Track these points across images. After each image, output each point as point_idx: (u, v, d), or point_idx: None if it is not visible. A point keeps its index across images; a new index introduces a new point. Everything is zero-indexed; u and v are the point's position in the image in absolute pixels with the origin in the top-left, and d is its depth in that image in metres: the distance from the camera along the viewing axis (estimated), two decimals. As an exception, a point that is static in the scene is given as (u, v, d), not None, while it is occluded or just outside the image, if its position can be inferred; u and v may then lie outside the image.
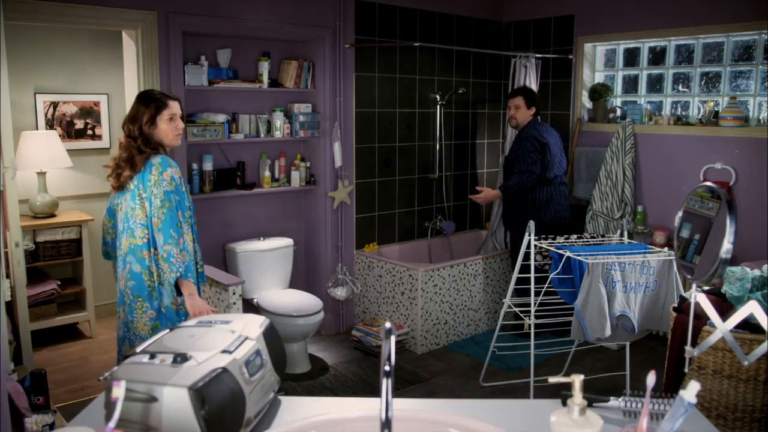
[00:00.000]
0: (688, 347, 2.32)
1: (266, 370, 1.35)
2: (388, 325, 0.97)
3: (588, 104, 5.03)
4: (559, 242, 3.42)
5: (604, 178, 4.68)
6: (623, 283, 3.01)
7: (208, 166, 4.04)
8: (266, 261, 4.17)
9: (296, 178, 4.44)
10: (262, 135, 4.24)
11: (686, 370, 2.36)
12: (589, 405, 1.33)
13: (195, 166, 4.02)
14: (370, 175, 4.76)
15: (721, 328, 2.09)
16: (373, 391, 3.61)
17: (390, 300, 4.45)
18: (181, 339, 1.31)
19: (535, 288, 3.33)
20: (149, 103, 2.58)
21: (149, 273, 2.54)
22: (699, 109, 4.50)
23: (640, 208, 4.66)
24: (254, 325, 1.41)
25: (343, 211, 4.63)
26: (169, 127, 2.60)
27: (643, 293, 3.06)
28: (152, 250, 2.53)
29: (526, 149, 4.28)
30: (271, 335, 1.44)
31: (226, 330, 1.35)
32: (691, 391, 1.01)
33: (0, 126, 2.85)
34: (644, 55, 4.79)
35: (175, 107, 2.62)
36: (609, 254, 3.09)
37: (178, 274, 2.46)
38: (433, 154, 5.15)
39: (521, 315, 3.49)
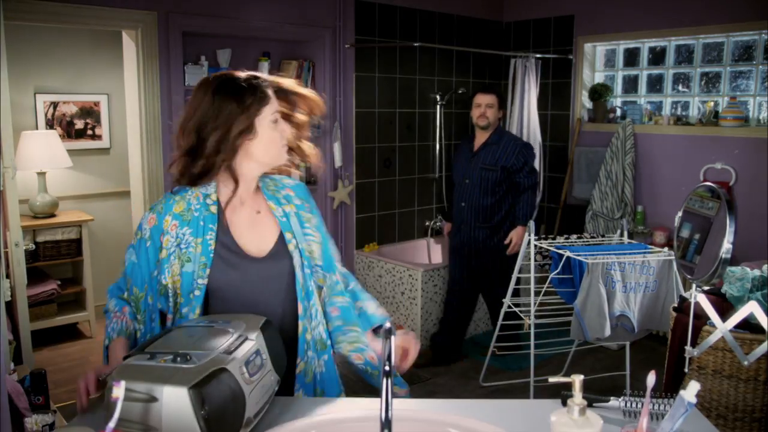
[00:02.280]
0: (688, 347, 2.32)
1: (266, 370, 1.35)
2: (388, 325, 0.97)
3: (588, 104, 5.03)
4: (559, 242, 3.42)
5: (604, 178, 4.68)
6: (623, 283, 3.01)
7: (208, 166, 4.04)
8: (266, 261, 4.16)
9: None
10: (262, 135, 4.23)
11: (686, 370, 2.36)
12: (589, 405, 1.33)
13: (195, 166, 4.02)
14: (370, 175, 4.76)
15: (721, 328, 2.09)
16: (373, 391, 3.59)
17: (390, 300, 4.45)
18: (181, 339, 1.31)
19: (535, 288, 3.34)
20: None
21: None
22: (699, 109, 4.50)
23: (640, 208, 4.66)
24: (254, 325, 1.41)
25: (343, 211, 4.63)
26: None
27: (643, 293, 3.06)
28: None
29: (529, 157, 3.85)
30: (271, 335, 1.44)
31: (226, 330, 1.35)
32: (691, 391, 1.01)
33: (0, 126, 2.84)
34: (644, 55, 4.79)
35: None
36: (609, 254, 3.09)
37: (108, 340, 1.54)
38: (433, 154, 5.15)
39: (521, 315, 3.48)
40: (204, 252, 1.52)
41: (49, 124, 4.55)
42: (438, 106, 5.07)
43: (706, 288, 2.35)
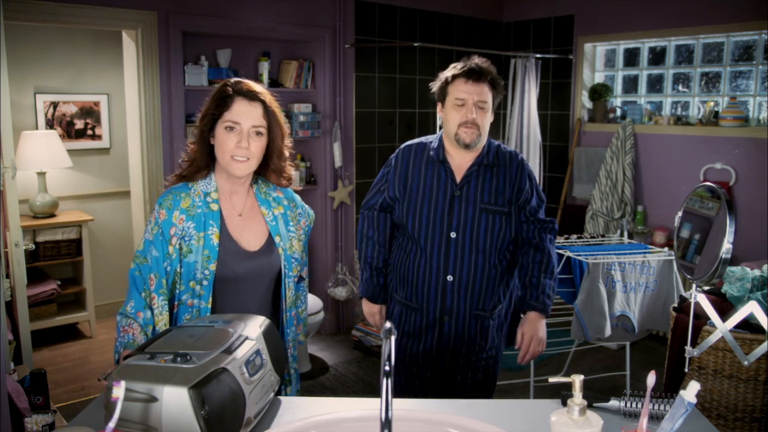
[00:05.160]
0: (688, 347, 2.32)
1: (266, 370, 1.35)
2: (388, 325, 0.97)
3: (588, 104, 5.03)
4: (559, 242, 3.42)
5: (604, 178, 4.68)
6: (623, 283, 3.01)
7: (208, 166, 4.04)
8: (266, 261, 4.17)
9: (296, 178, 4.44)
10: (262, 135, 4.23)
11: (686, 370, 2.36)
12: (589, 405, 1.33)
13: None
14: (370, 175, 4.76)
15: (721, 328, 2.08)
16: (373, 391, 3.60)
17: (390, 300, 4.45)
18: (181, 339, 1.31)
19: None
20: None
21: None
22: (699, 109, 4.50)
23: (640, 208, 4.66)
24: (254, 325, 1.42)
25: (343, 211, 4.63)
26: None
27: (643, 293, 3.06)
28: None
29: (537, 183, 2.23)
30: (271, 335, 1.44)
31: (226, 330, 1.35)
32: (691, 391, 1.01)
33: (0, 126, 2.84)
34: (644, 55, 4.79)
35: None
36: (609, 254, 3.09)
37: (117, 355, 1.57)
38: (433, 154, 5.14)
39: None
40: (207, 245, 1.65)
41: (49, 124, 4.55)
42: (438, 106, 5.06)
43: (706, 288, 2.35)
